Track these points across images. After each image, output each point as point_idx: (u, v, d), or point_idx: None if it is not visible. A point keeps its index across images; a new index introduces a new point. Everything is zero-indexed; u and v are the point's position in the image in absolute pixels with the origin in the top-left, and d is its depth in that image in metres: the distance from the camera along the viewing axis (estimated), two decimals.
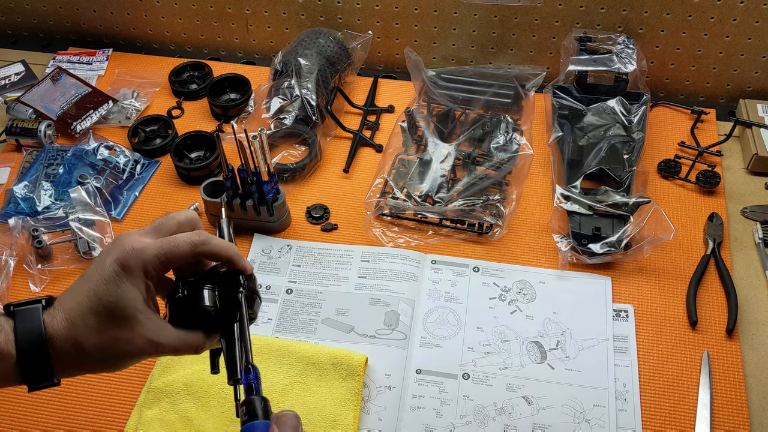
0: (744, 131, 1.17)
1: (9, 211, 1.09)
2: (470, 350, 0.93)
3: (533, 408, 0.87)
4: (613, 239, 1.00)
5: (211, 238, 0.59)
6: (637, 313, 0.96)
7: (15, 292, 1.01)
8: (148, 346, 0.57)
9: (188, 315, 0.59)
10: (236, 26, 1.39)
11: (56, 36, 1.48)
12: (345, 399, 0.86)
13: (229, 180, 1.00)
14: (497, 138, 1.13)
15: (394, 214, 1.07)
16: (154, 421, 0.85)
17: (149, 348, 0.57)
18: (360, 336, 0.94)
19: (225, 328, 0.59)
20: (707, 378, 0.89)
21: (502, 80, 1.22)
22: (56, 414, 0.89)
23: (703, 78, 1.26)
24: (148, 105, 1.29)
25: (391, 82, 1.33)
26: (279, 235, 1.08)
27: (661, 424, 0.86)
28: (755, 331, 0.94)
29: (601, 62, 1.16)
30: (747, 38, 1.18)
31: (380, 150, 1.19)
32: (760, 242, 1.02)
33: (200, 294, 0.59)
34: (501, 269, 1.01)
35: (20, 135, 1.20)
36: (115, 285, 0.56)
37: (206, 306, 0.58)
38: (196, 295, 0.59)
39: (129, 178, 1.16)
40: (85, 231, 1.05)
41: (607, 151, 1.08)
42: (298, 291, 1.00)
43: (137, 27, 1.43)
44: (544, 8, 1.22)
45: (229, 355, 0.59)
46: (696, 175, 1.10)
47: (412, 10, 1.28)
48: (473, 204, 1.05)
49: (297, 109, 1.17)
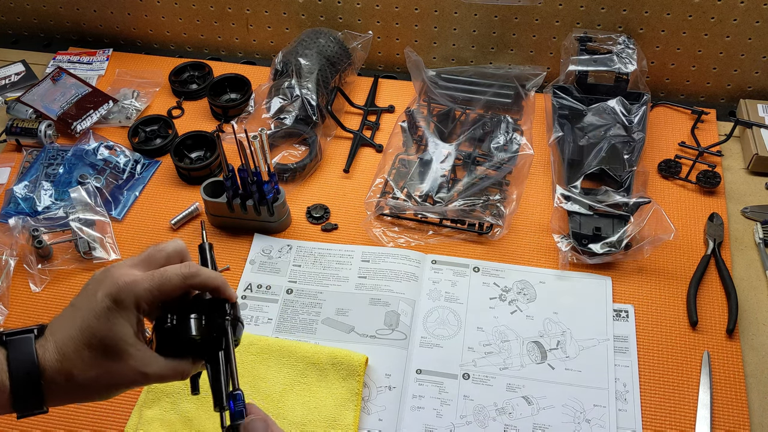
0: (744, 131, 1.17)
1: (9, 211, 1.09)
2: (470, 350, 0.93)
3: (533, 408, 0.87)
4: (614, 239, 1.00)
5: (200, 270, 0.61)
6: (638, 313, 0.96)
7: (15, 292, 1.01)
8: (138, 377, 0.58)
9: (176, 344, 0.60)
10: (236, 26, 1.39)
11: (56, 36, 1.48)
12: (345, 399, 0.86)
13: (230, 180, 1.00)
14: (497, 138, 1.13)
15: (395, 214, 1.07)
16: (155, 420, 0.85)
17: (139, 379, 0.58)
18: (360, 336, 0.94)
19: (211, 354, 0.61)
20: (707, 378, 0.89)
21: (503, 80, 1.22)
22: (57, 414, 0.89)
23: (703, 78, 1.26)
24: (148, 105, 1.29)
25: (391, 82, 1.33)
26: (279, 235, 1.08)
27: (662, 424, 0.86)
28: (755, 331, 0.94)
29: (601, 62, 1.16)
30: (747, 38, 1.18)
31: (380, 150, 1.19)
32: (761, 242, 1.02)
33: (188, 324, 0.60)
34: (501, 269, 1.01)
35: (20, 135, 1.20)
36: (107, 320, 0.56)
37: (193, 336, 0.60)
38: (184, 325, 0.60)
39: (129, 178, 1.16)
40: (85, 231, 1.05)
41: (608, 151, 1.08)
42: (298, 291, 1.00)
43: (137, 27, 1.43)
44: (545, 8, 1.22)
45: (215, 382, 0.60)
46: (696, 175, 1.10)
47: (412, 10, 1.28)
48: (473, 204, 1.05)
49: (297, 109, 1.17)
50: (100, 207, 1.09)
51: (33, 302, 1.00)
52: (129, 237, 1.08)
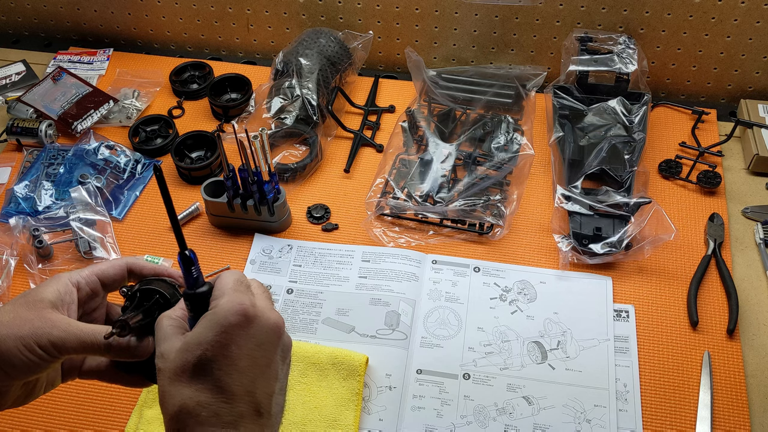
0: (745, 131, 1.17)
1: (10, 211, 1.09)
2: (471, 350, 0.93)
3: (534, 408, 0.87)
4: (614, 239, 0.99)
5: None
6: (638, 314, 0.96)
7: (16, 292, 1.01)
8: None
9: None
10: (237, 26, 1.39)
11: (57, 36, 1.48)
12: (346, 399, 0.86)
13: (230, 180, 1.00)
14: (498, 138, 1.14)
15: (395, 214, 1.07)
16: (155, 420, 0.85)
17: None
18: (361, 336, 0.94)
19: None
20: (708, 378, 0.89)
21: (503, 80, 1.22)
22: (57, 413, 0.89)
23: (704, 78, 1.26)
24: (148, 105, 1.29)
25: (391, 82, 1.33)
26: (280, 235, 1.08)
27: (662, 425, 0.86)
28: (756, 332, 0.94)
29: (602, 62, 1.16)
30: (748, 38, 1.18)
31: (381, 150, 1.19)
32: (761, 242, 1.02)
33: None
34: (502, 269, 1.01)
35: (21, 134, 1.20)
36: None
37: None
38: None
39: (130, 178, 1.16)
40: (85, 231, 1.05)
41: (608, 152, 1.08)
42: (298, 291, 1.00)
43: (138, 27, 1.43)
44: (545, 8, 1.22)
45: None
46: (697, 176, 1.10)
47: (413, 10, 1.28)
48: (474, 204, 1.05)
49: (298, 108, 1.17)
50: (100, 207, 1.09)
51: None
52: (129, 237, 1.08)
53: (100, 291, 0.61)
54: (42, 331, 0.53)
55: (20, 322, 0.54)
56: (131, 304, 0.58)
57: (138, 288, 0.58)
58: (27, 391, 0.59)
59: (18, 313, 0.55)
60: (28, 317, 0.54)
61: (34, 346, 0.53)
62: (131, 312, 0.56)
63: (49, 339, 0.53)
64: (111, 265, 0.61)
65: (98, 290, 0.60)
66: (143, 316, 0.56)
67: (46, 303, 0.55)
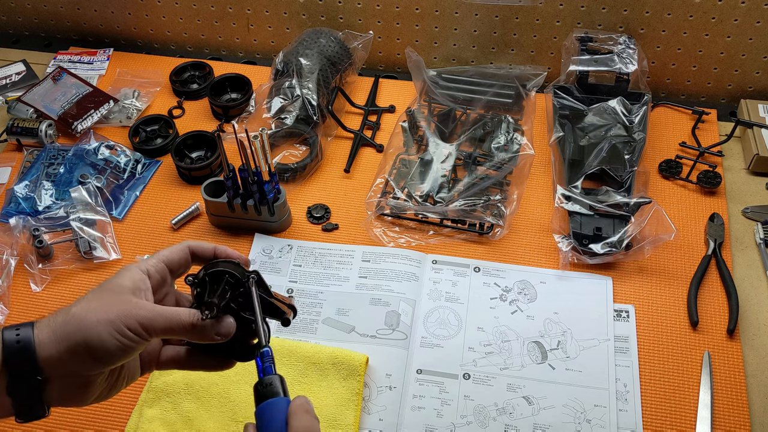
0: (745, 131, 1.17)
1: (10, 211, 1.09)
2: (471, 350, 0.93)
3: (534, 408, 0.87)
4: (614, 239, 0.99)
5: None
6: (638, 314, 0.96)
7: (16, 292, 1.01)
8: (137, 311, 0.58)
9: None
10: (237, 26, 1.39)
11: (57, 35, 1.48)
12: (346, 399, 0.86)
13: (230, 180, 1.00)
14: (498, 138, 1.14)
15: (395, 214, 1.07)
16: (155, 420, 0.85)
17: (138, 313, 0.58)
18: (361, 336, 0.94)
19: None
20: (708, 378, 0.89)
21: (503, 80, 1.22)
22: (58, 413, 0.89)
23: (704, 78, 1.26)
24: (148, 105, 1.29)
25: (392, 82, 1.33)
26: (280, 235, 1.08)
27: (662, 425, 0.86)
28: (756, 332, 0.93)
29: (602, 62, 1.16)
30: (748, 38, 1.18)
31: (381, 150, 1.19)
32: (761, 243, 1.02)
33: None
34: (502, 269, 1.01)
35: (21, 134, 1.20)
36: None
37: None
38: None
39: (130, 178, 1.16)
40: (85, 231, 1.05)
41: (608, 152, 1.08)
42: (299, 291, 1.00)
43: (138, 26, 1.43)
44: (545, 8, 1.22)
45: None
46: (697, 176, 1.10)
47: (413, 10, 1.28)
48: (474, 204, 1.05)
49: (298, 108, 1.17)
50: (100, 207, 1.09)
51: (33, 302, 1.00)
52: (130, 237, 1.08)
53: (168, 277, 0.63)
54: (130, 313, 0.55)
55: (107, 307, 0.55)
56: (204, 289, 0.61)
57: (207, 273, 0.61)
58: (110, 384, 0.60)
59: (104, 299, 0.56)
60: (115, 302, 0.56)
61: (123, 329, 0.55)
62: (209, 295, 0.60)
63: (138, 320, 0.55)
64: (174, 250, 0.63)
65: (166, 277, 0.63)
66: (220, 297, 0.59)
67: (126, 289, 0.57)
